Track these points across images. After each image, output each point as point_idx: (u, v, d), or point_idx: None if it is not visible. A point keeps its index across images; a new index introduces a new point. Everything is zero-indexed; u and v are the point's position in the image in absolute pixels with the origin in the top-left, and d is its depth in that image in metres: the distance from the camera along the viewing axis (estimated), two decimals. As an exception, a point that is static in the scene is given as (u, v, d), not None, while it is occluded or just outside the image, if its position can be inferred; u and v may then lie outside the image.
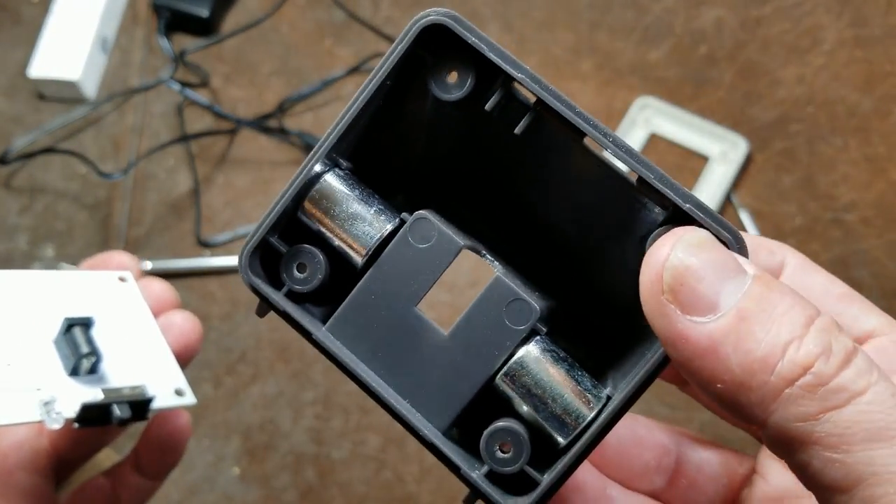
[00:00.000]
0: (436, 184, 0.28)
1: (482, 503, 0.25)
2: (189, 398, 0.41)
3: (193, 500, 0.74)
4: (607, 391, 0.25)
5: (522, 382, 0.25)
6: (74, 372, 0.38)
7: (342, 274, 0.26)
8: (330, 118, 0.90)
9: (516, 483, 0.25)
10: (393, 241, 0.25)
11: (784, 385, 0.20)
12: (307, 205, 0.26)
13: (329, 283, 0.26)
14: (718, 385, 0.21)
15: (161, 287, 0.46)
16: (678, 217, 0.24)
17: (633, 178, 0.25)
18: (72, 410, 0.36)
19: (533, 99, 0.25)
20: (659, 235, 0.23)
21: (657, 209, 0.25)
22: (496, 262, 0.27)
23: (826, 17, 0.92)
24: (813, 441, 0.20)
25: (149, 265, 0.82)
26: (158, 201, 0.87)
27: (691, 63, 0.91)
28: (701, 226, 0.23)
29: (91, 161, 0.86)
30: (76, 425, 0.36)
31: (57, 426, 0.35)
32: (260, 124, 0.90)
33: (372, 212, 0.26)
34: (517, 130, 0.25)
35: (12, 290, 0.40)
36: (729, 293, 0.21)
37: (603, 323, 0.28)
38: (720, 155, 0.85)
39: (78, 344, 0.38)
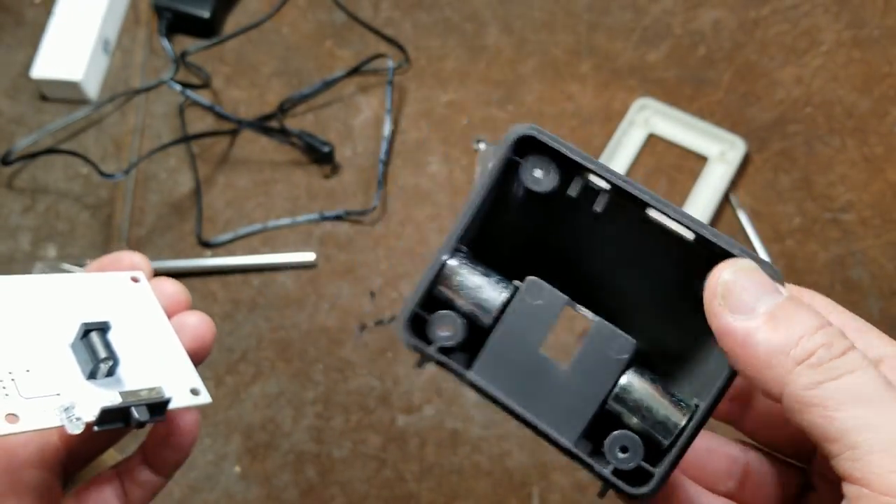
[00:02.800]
0: (529, 260, 0.36)
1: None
2: (204, 397, 0.42)
3: (195, 499, 0.75)
4: (695, 401, 0.32)
5: (629, 401, 0.32)
6: (92, 376, 0.38)
7: (471, 332, 0.34)
8: (331, 119, 0.91)
9: (632, 478, 0.31)
10: (514, 301, 0.33)
11: (795, 364, 0.28)
12: (443, 283, 0.33)
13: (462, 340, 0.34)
14: (751, 364, 0.29)
15: (173, 287, 0.46)
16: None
17: (689, 237, 0.32)
18: (91, 414, 0.36)
19: (605, 185, 0.33)
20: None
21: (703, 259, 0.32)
22: (587, 313, 0.34)
23: (824, 19, 0.93)
24: (815, 403, 0.27)
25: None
26: (160, 201, 0.88)
27: (690, 64, 0.91)
28: None
29: (93, 161, 0.87)
30: (96, 428, 0.36)
31: (77, 431, 0.35)
32: (261, 125, 0.90)
33: (493, 282, 0.33)
34: (597, 208, 0.33)
35: (29, 295, 0.40)
36: (764, 303, 0.29)
37: (675, 354, 0.36)
38: (719, 155, 0.85)
39: (95, 348, 0.39)
